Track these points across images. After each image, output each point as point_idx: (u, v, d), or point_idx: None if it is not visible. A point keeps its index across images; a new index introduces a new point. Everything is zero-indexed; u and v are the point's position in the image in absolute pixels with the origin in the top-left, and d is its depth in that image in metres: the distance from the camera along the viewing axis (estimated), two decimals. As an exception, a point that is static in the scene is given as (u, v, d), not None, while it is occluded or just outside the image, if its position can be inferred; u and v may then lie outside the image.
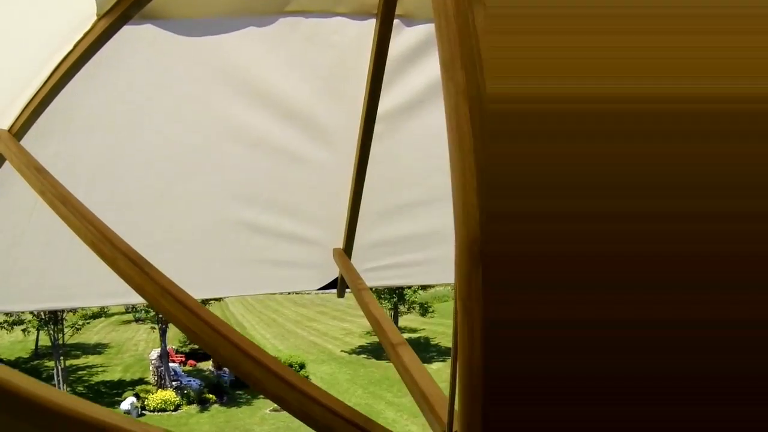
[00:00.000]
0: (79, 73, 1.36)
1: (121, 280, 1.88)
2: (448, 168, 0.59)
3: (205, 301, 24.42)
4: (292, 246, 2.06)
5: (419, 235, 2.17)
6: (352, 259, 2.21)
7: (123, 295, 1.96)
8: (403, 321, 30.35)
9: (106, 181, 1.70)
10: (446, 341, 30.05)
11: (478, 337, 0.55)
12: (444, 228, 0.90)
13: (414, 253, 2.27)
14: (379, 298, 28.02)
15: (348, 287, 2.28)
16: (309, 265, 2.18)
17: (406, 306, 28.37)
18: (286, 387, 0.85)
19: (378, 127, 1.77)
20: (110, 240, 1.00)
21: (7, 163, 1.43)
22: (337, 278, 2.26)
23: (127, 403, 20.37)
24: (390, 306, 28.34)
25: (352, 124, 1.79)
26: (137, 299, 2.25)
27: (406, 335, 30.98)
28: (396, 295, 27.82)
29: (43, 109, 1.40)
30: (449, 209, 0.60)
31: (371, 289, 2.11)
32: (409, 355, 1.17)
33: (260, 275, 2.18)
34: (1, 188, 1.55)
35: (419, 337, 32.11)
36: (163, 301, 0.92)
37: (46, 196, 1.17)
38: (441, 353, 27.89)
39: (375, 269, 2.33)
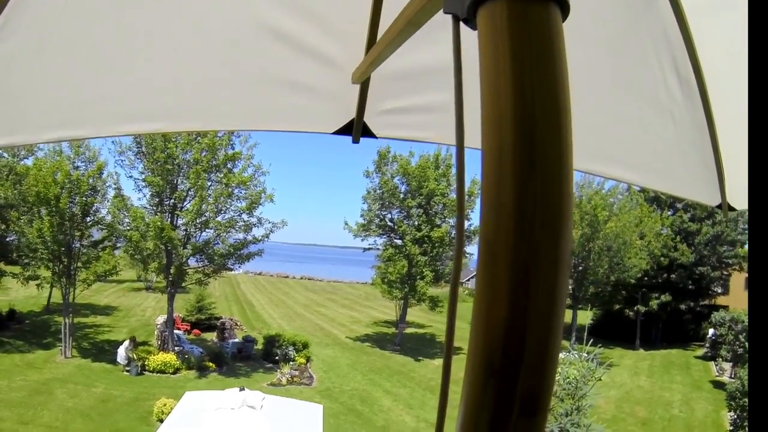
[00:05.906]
0: None
1: (136, 103, 1.82)
2: None
3: (216, 270, 24.29)
4: (313, 65, 1.90)
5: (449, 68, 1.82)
6: (369, 93, 2.02)
7: (136, 120, 1.94)
8: (410, 315, 30.10)
9: None
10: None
11: None
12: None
13: (440, 92, 2.00)
14: (390, 287, 27.78)
15: (363, 134, 2.16)
16: (326, 94, 2.01)
17: (416, 298, 27.96)
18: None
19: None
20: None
21: None
22: (352, 120, 2.12)
23: (123, 347, 20.75)
24: (400, 296, 28.03)
25: None
26: (152, 127, 2.06)
27: (411, 330, 30.79)
28: (407, 286, 27.49)
29: None
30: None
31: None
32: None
33: (275, 103, 2.03)
34: None
35: (425, 333, 31.84)
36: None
37: None
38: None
39: (393, 112, 2.12)
